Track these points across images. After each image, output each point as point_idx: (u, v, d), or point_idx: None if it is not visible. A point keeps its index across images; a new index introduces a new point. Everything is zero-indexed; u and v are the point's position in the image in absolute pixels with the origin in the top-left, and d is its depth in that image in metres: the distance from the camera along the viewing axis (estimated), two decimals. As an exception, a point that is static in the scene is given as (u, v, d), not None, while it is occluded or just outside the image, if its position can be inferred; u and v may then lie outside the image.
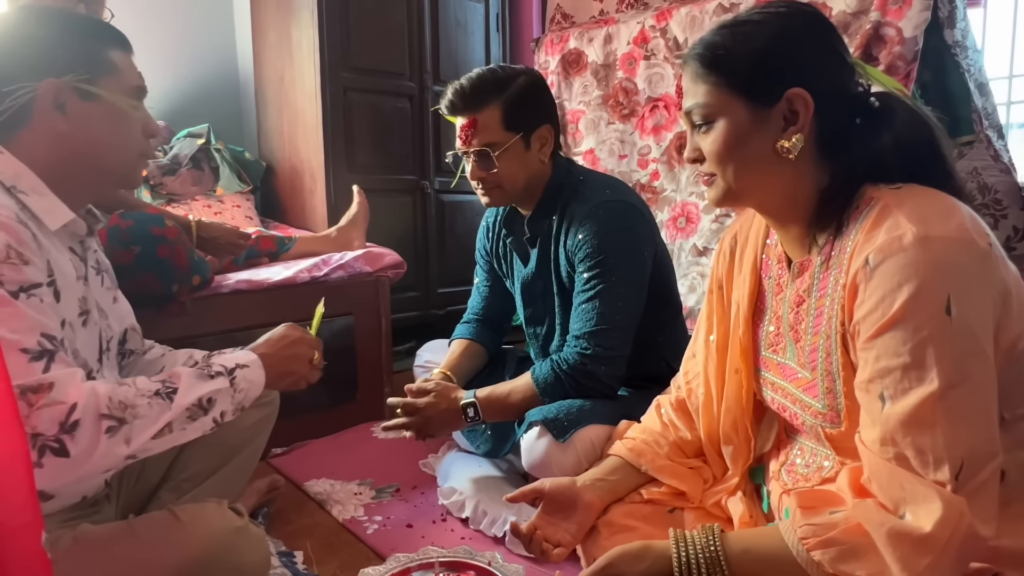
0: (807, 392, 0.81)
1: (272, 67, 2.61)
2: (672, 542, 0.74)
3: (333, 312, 1.98)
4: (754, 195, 0.82)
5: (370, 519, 1.43)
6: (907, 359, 0.64)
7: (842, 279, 0.73)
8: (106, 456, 0.79)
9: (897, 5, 1.57)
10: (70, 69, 0.88)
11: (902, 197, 0.71)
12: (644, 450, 0.99)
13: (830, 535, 0.66)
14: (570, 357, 1.32)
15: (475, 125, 1.35)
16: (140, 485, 1.16)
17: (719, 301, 0.98)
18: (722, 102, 0.77)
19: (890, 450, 0.64)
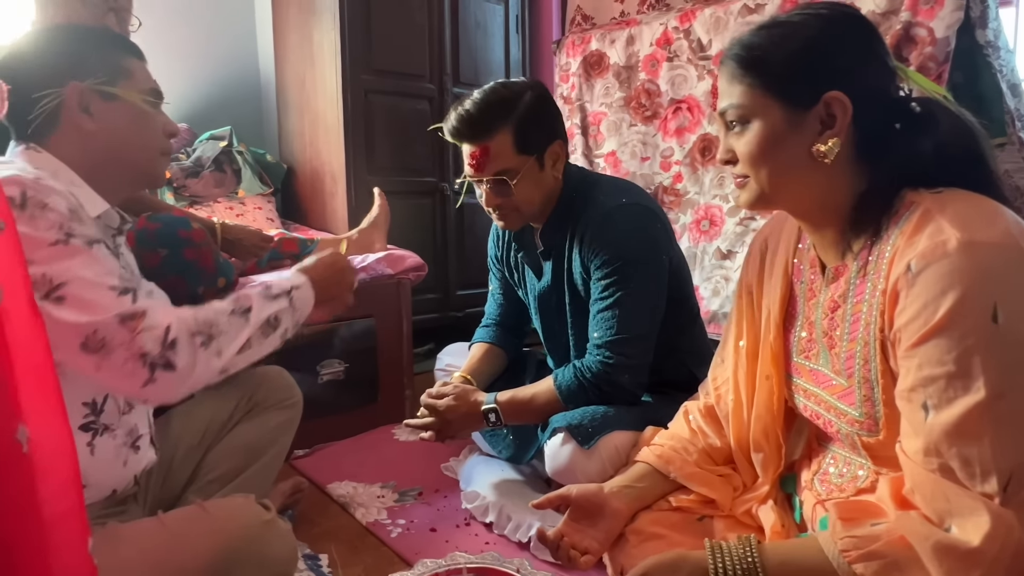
0: (843, 399, 0.79)
1: (293, 70, 2.63)
2: (708, 552, 0.74)
3: (355, 315, 2.00)
4: (788, 199, 0.81)
5: (394, 522, 1.44)
6: (952, 368, 0.63)
7: (881, 285, 0.72)
8: (205, 368, 0.90)
9: (928, 5, 1.55)
10: (91, 74, 0.96)
11: (944, 201, 0.70)
12: (673, 457, 0.98)
13: (872, 548, 0.64)
14: (593, 365, 1.31)
15: (487, 153, 1.30)
16: (167, 487, 1.18)
17: (748, 306, 0.96)
18: (758, 103, 0.76)
19: (934, 461, 0.63)
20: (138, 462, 1.03)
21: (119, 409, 0.99)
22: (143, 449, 1.04)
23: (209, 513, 0.93)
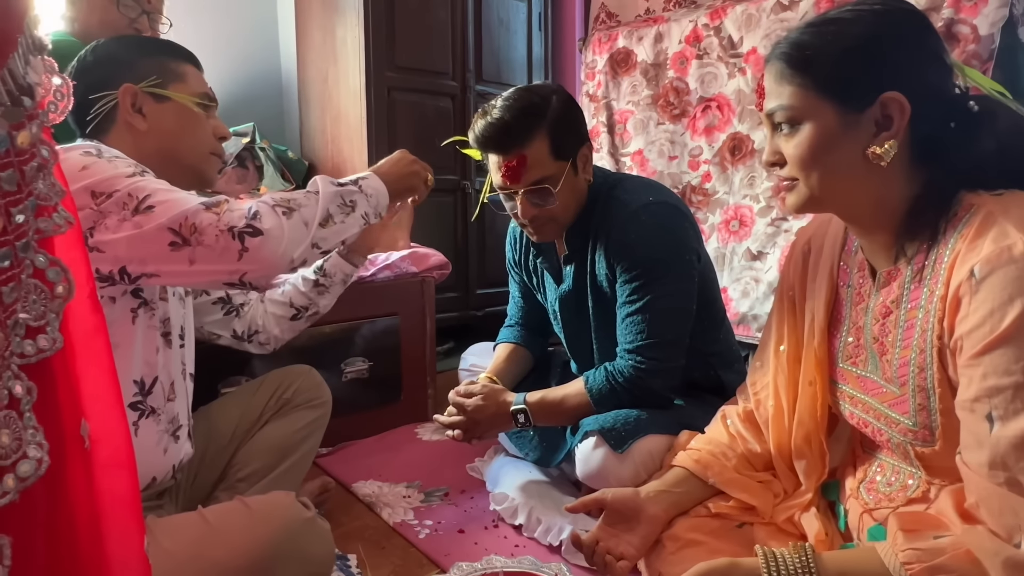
0: (894, 408, 0.78)
1: (316, 67, 2.63)
2: (761, 560, 0.72)
3: (379, 312, 2.00)
4: (839, 202, 0.79)
5: (421, 523, 1.43)
6: (1020, 378, 0.61)
7: (939, 291, 0.70)
8: (295, 233, 0.97)
9: (972, 1, 1.52)
10: (144, 77, 1.04)
11: (1007, 204, 0.68)
12: (711, 462, 0.97)
13: (937, 562, 0.63)
14: (625, 370, 1.29)
15: (524, 162, 1.24)
16: (197, 485, 1.20)
17: (790, 310, 0.95)
18: (810, 104, 0.74)
19: (1001, 474, 0.61)
20: (177, 452, 1.05)
21: (165, 394, 1.02)
22: (182, 440, 1.07)
23: (251, 508, 0.94)
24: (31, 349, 0.41)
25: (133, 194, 0.89)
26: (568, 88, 2.84)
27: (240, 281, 0.96)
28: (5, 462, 0.39)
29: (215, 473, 1.22)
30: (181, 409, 1.07)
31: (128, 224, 0.88)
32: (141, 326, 1.00)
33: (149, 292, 1.01)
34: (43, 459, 0.40)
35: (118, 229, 0.88)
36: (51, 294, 0.42)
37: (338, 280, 1.38)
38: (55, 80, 0.42)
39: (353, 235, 1.06)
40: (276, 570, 0.91)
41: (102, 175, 0.90)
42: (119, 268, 0.90)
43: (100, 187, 0.89)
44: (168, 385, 1.04)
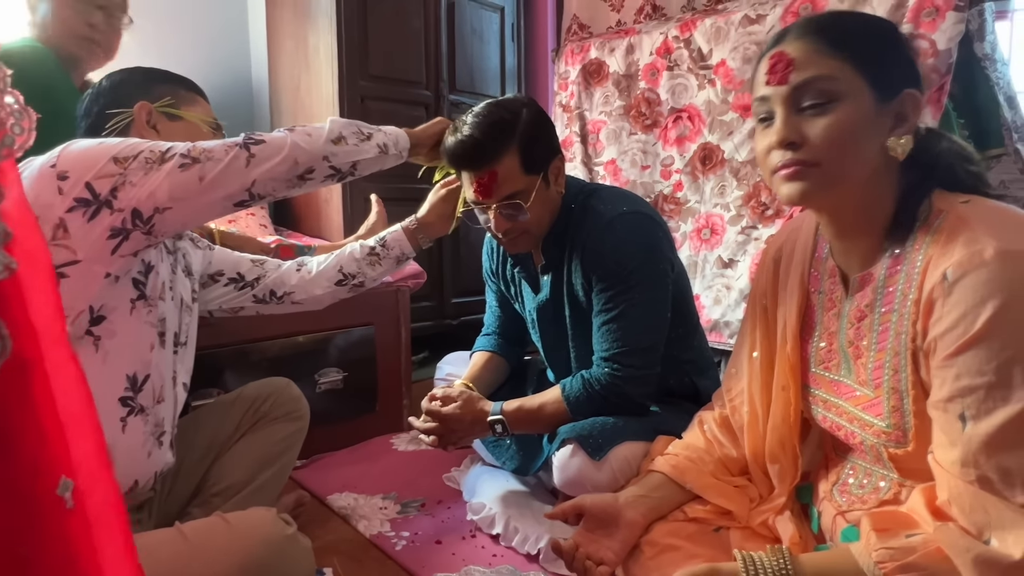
0: (868, 411, 0.79)
1: (288, 75, 2.61)
2: (740, 563, 0.73)
3: (353, 322, 1.99)
4: (848, 194, 0.76)
5: (397, 535, 1.42)
6: (992, 378, 0.63)
7: (912, 294, 0.72)
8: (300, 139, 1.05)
9: (931, 17, 1.57)
10: (159, 98, 1.12)
11: (975, 210, 0.71)
12: (688, 467, 0.98)
13: (909, 560, 0.65)
14: (602, 377, 1.30)
15: (495, 178, 1.25)
16: (171, 500, 1.19)
17: (762, 316, 0.96)
18: (852, 81, 0.72)
19: (972, 472, 0.63)
20: (159, 459, 1.05)
21: (155, 396, 1.04)
22: (164, 447, 1.07)
23: (231, 525, 0.93)
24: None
25: (155, 149, 0.97)
26: (541, 98, 2.87)
27: (250, 194, 1.02)
28: None
29: (189, 487, 1.21)
30: (167, 415, 1.07)
31: (156, 172, 0.95)
32: (138, 319, 1.00)
33: (150, 287, 1.03)
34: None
35: (144, 180, 0.95)
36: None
37: (393, 255, 1.42)
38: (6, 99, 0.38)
39: (368, 160, 1.14)
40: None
41: (121, 143, 0.96)
42: (131, 212, 0.94)
43: (123, 152, 0.95)
44: (159, 387, 1.04)
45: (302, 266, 1.39)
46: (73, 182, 0.92)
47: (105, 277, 0.95)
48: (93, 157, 0.94)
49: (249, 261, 1.36)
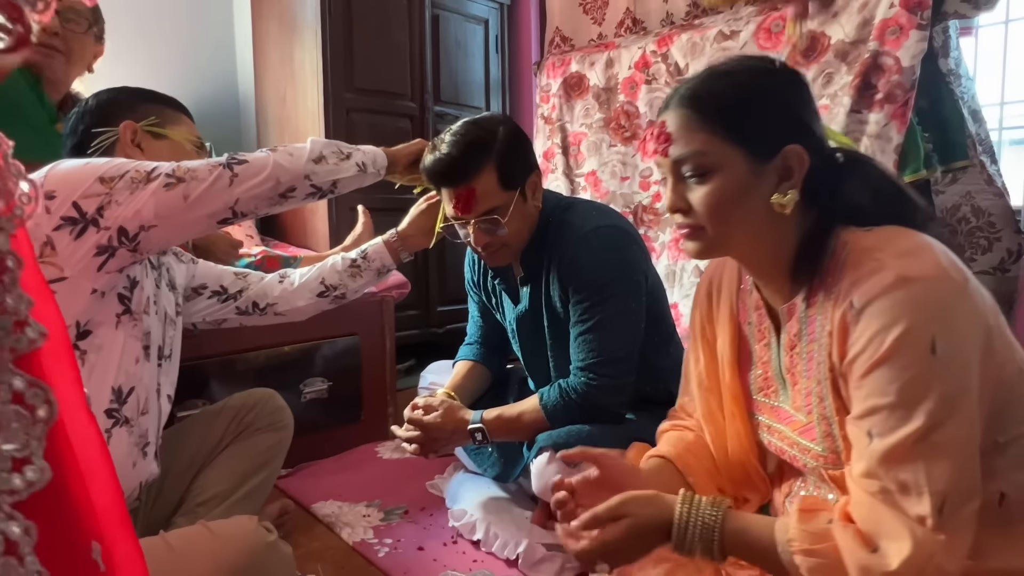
0: (804, 435, 0.81)
1: (274, 87, 2.64)
2: (680, 500, 0.75)
3: (338, 332, 2.01)
4: (741, 248, 0.81)
5: (380, 542, 1.44)
6: (893, 398, 0.65)
7: (827, 325, 0.74)
8: (283, 159, 1.09)
9: (895, 35, 1.62)
10: (144, 117, 1.15)
11: (877, 239, 0.73)
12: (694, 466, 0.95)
13: (816, 547, 0.67)
14: (578, 386, 1.33)
15: (473, 194, 1.27)
16: (156, 510, 1.20)
17: (704, 346, 0.96)
18: (722, 153, 0.75)
19: (874, 484, 0.66)
20: (144, 469, 1.07)
21: (139, 407, 1.05)
22: (149, 458, 1.08)
23: (214, 533, 0.95)
24: (20, 483, 0.36)
25: (140, 169, 0.99)
26: (524, 110, 2.91)
27: (233, 212, 1.05)
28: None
29: (175, 498, 1.22)
30: (151, 426, 1.09)
31: (141, 191, 0.98)
32: (123, 333, 1.03)
33: (135, 302, 1.05)
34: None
35: (129, 199, 0.97)
36: (32, 418, 0.38)
37: (374, 268, 1.44)
38: (22, 185, 0.39)
39: (348, 179, 1.17)
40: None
41: (107, 163, 0.99)
42: (117, 229, 0.96)
43: (109, 172, 0.97)
44: (143, 399, 1.06)
45: (284, 278, 1.41)
46: (60, 201, 0.94)
47: (91, 293, 0.97)
48: (80, 177, 0.96)
49: (232, 274, 1.38)
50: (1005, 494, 0.70)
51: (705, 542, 0.73)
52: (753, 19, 1.94)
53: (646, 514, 0.75)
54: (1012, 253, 1.86)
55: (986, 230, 1.90)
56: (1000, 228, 1.87)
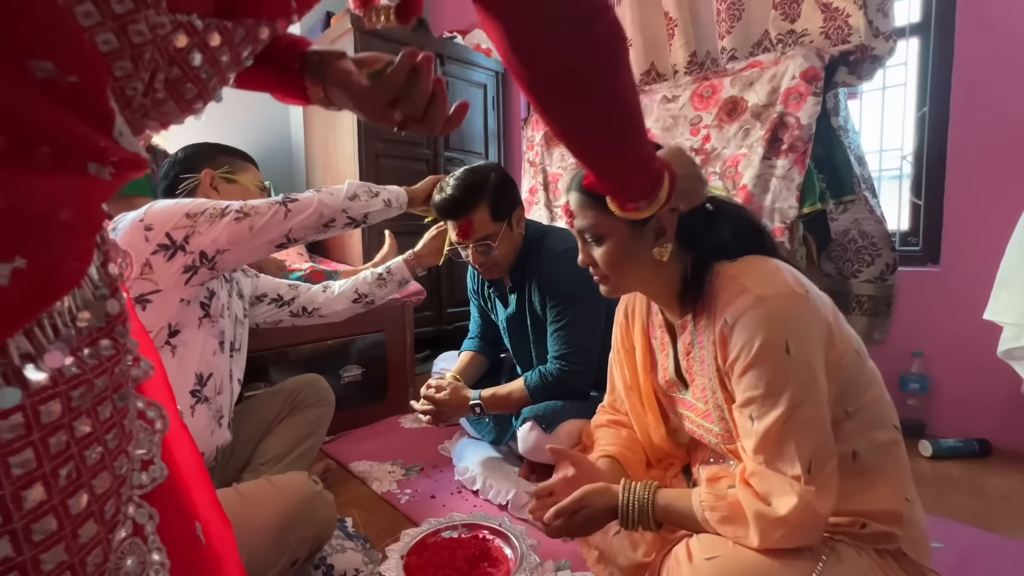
0: (705, 419, 0.83)
1: (319, 137, 2.67)
2: (620, 487, 0.78)
3: (369, 330, 2.04)
4: (638, 286, 0.85)
5: (402, 492, 1.47)
6: (763, 390, 0.68)
7: (711, 336, 0.76)
8: (324, 199, 1.10)
9: (796, 100, 1.66)
10: (220, 166, 1.19)
11: (740, 268, 0.75)
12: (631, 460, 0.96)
13: (719, 503, 0.71)
14: (553, 371, 1.36)
15: (471, 225, 1.32)
16: (228, 469, 1.21)
17: (627, 358, 0.97)
18: (609, 224, 0.77)
19: (760, 456, 0.69)
20: (220, 436, 1.08)
21: (216, 388, 1.07)
22: (223, 428, 1.09)
23: (274, 484, 0.97)
24: (147, 480, 0.37)
25: (217, 207, 1.02)
26: (515, 155, 2.95)
27: (288, 239, 1.06)
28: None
29: (242, 459, 1.24)
30: (225, 403, 1.10)
31: (218, 223, 1.00)
32: (204, 332, 1.05)
33: (213, 308, 1.07)
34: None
35: (209, 230, 1.00)
36: (152, 429, 0.39)
37: (396, 280, 1.44)
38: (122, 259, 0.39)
39: (376, 212, 1.16)
40: (294, 531, 0.94)
41: (192, 203, 1.02)
42: (199, 253, 0.99)
43: (193, 209, 1.00)
44: (219, 382, 1.08)
45: (327, 288, 1.42)
46: (156, 232, 0.97)
47: (180, 302, 1.00)
48: (171, 213, 0.99)
49: (286, 285, 1.40)
50: (857, 452, 0.73)
51: (643, 517, 0.75)
52: (689, 87, 1.98)
53: (599, 504, 0.78)
54: (890, 266, 1.91)
55: (870, 249, 1.94)
56: (880, 247, 1.92)
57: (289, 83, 0.57)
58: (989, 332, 1.48)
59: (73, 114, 0.28)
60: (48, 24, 0.27)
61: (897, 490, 0.74)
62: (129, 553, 0.34)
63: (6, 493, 0.28)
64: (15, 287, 0.27)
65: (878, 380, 0.79)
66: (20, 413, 0.29)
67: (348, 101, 0.57)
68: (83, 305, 0.33)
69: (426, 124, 0.56)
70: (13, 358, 0.29)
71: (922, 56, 1.85)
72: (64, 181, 0.28)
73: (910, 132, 1.91)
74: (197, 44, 0.36)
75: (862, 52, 1.67)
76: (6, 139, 0.26)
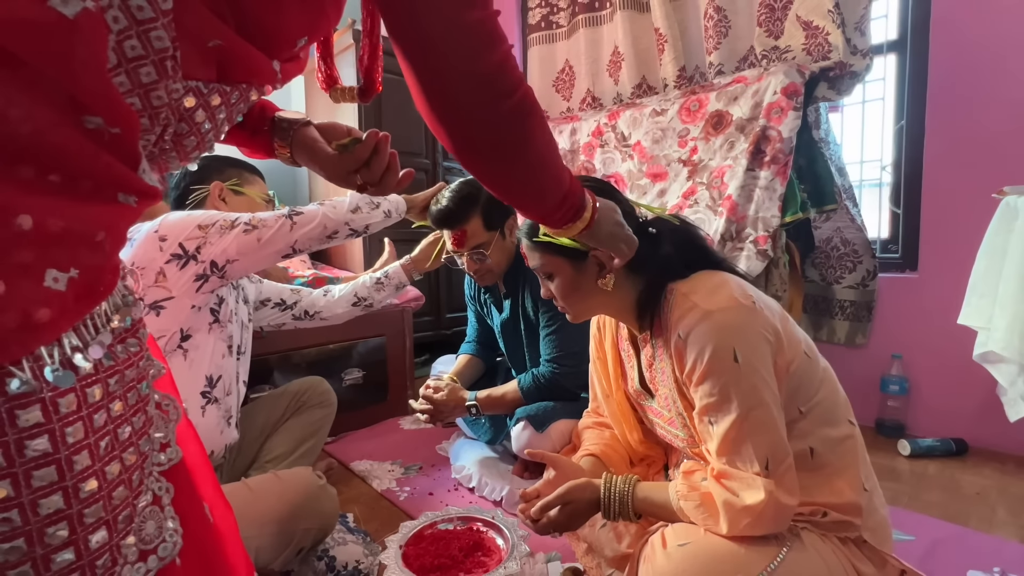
0: (671, 425, 0.86)
1: (322, 148, 2.72)
2: (602, 481, 0.82)
3: (370, 334, 2.08)
4: (596, 311, 0.89)
5: (401, 489, 1.50)
6: (717, 397, 0.72)
7: (668, 350, 0.79)
8: (328, 212, 1.12)
9: (778, 115, 1.72)
10: (228, 178, 1.22)
11: (690, 285, 0.79)
12: (613, 457, 1.00)
13: (693, 493, 0.75)
14: (546, 373, 1.41)
15: (465, 234, 1.37)
16: (236, 466, 1.25)
17: (602, 369, 1.01)
18: (552, 264, 0.84)
19: (723, 457, 0.73)
20: (228, 435, 1.11)
21: (225, 390, 1.10)
22: (232, 427, 1.13)
23: (281, 479, 1.01)
24: (164, 459, 0.42)
25: (227, 219, 1.06)
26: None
27: (293, 249, 1.10)
28: (149, 546, 0.39)
29: (249, 457, 1.27)
30: (233, 404, 1.13)
31: (227, 235, 1.04)
32: (213, 337, 1.08)
33: (222, 314, 1.10)
34: (177, 542, 0.41)
35: (219, 241, 1.03)
36: (168, 417, 0.44)
37: (394, 284, 1.47)
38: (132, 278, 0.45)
39: (377, 223, 1.19)
40: (299, 521, 0.97)
41: (204, 215, 1.06)
42: (210, 263, 1.03)
43: (205, 221, 1.04)
44: (228, 384, 1.10)
45: (327, 292, 1.45)
46: (170, 242, 1.02)
47: (191, 308, 1.04)
48: (184, 225, 1.04)
49: (289, 290, 1.42)
50: (814, 448, 0.77)
51: (623, 509, 0.80)
52: (677, 100, 2.03)
53: (583, 498, 0.81)
54: (870, 272, 1.96)
55: (851, 256, 1.99)
56: (861, 254, 1.97)
57: (259, 143, 0.66)
58: (965, 335, 1.54)
59: (110, 155, 0.35)
60: (101, 91, 0.34)
61: (855, 482, 0.78)
62: (149, 518, 0.39)
63: (61, 457, 0.34)
64: (70, 292, 0.32)
65: (831, 378, 0.83)
66: (73, 394, 0.35)
67: (313, 164, 0.66)
68: (115, 310, 0.39)
69: (380, 188, 0.68)
70: (66, 349, 0.34)
71: (899, 72, 1.91)
72: (101, 208, 0.34)
73: (889, 144, 1.96)
74: (202, 105, 0.43)
75: (841, 68, 1.72)
76: (61, 175, 0.33)
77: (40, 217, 0.31)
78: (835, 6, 1.73)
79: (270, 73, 0.47)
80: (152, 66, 0.38)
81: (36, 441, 0.33)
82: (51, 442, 0.33)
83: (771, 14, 1.89)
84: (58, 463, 0.34)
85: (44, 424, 0.33)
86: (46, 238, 0.31)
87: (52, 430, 0.33)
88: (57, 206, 0.32)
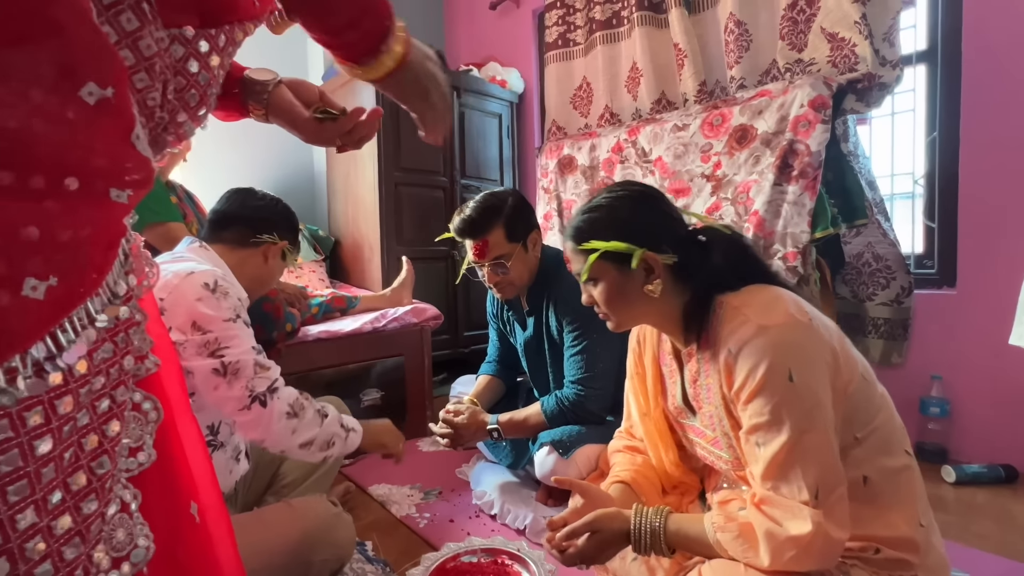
0: (714, 446, 0.83)
1: (340, 167, 2.74)
2: (632, 512, 0.78)
3: (388, 354, 2.05)
4: (639, 320, 0.86)
5: (421, 515, 1.46)
6: (768, 418, 0.68)
7: (717, 365, 0.76)
8: (282, 430, 0.97)
9: (805, 128, 1.67)
10: (288, 240, 1.15)
11: (742, 298, 0.76)
12: (645, 486, 0.95)
13: (731, 524, 0.70)
14: (570, 395, 1.36)
15: (487, 245, 1.35)
16: (251, 492, 1.23)
17: (639, 383, 0.98)
18: (597, 268, 0.81)
19: (768, 483, 0.69)
20: (238, 472, 1.08)
21: (229, 431, 1.06)
22: (242, 461, 1.10)
23: (293, 508, 0.98)
24: (133, 465, 0.41)
25: (218, 339, 0.94)
26: (529, 183, 2.99)
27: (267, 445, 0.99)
28: (121, 553, 0.38)
29: (264, 482, 1.25)
30: (240, 439, 1.10)
31: (202, 359, 0.93)
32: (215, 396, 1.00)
33: None
34: (150, 547, 0.40)
35: (192, 359, 0.93)
36: (146, 419, 0.42)
37: None
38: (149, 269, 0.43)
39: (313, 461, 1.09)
40: (313, 552, 0.94)
41: (207, 313, 0.94)
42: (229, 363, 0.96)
43: (200, 322, 0.94)
44: (231, 423, 1.06)
45: None
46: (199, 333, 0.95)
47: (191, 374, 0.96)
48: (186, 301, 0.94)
49: None
50: (868, 477, 0.72)
51: (655, 542, 0.75)
52: (699, 115, 2.00)
53: (611, 528, 0.77)
54: (905, 289, 1.88)
55: (884, 272, 1.92)
56: (895, 270, 1.89)
57: (231, 104, 0.66)
58: (1011, 354, 1.45)
59: (103, 130, 0.32)
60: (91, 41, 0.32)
61: (911, 516, 0.73)
62: (119, 525, 0.39)
63: (31, 470, 0.33)
64: (47, 300, 0.31)
65: (888, 405, 0.78)
66: (41, 406, 0.33)
67: (291, 127, 0.68)
68: (100, 308, 0.37)
69: (356, 146, 0.70)
70: (38, 357, 0.33)
71: (930, 82, 1.85)
72: (90, 211, 0.32)
73: (921, 156, 1.90)
74: (192, 53, 0.43)
75: (869, 80, 1.67)
76: (44, 178, 0.30)
77: (19, 226, 0.29)
78: (862, 17, 1.69)
79: (249, 7, 0.46)
80: (130, 11, 0.37)
81: (7, 455, 0.32)
82: (21, 456, 0.33)
83: (794, 27, 1.86)
84: (28, 476, 0.33)
85: (13, 438, 0.32)
86: (26, 247, 0.29)
87: (21, 444, 0.32)
88: (39, 212, 0.30)
